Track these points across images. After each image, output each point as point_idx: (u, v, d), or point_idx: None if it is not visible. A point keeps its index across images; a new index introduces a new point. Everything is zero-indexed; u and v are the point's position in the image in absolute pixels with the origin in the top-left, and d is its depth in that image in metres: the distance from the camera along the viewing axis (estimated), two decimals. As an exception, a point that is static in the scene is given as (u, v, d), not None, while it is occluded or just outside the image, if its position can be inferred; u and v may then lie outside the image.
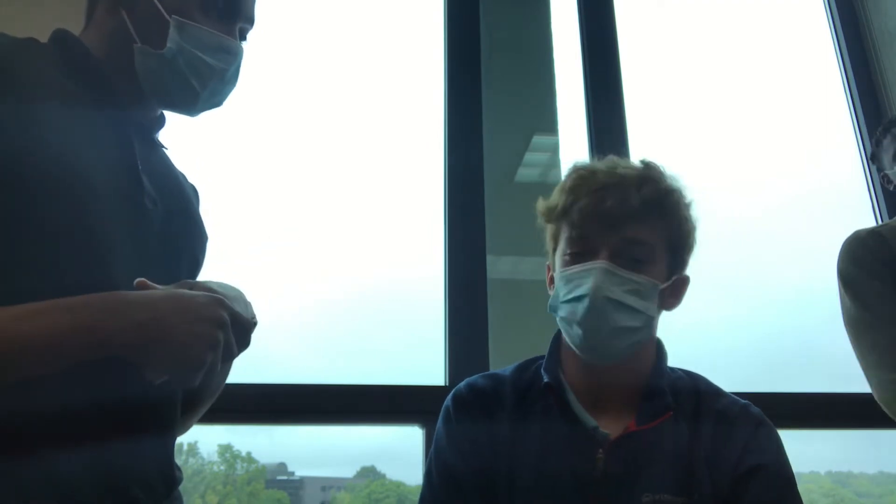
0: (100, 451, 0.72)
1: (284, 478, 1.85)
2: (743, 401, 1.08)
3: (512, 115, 2.08)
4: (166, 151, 0.97)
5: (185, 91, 0.87)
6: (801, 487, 1.00)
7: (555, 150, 2.12)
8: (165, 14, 0.84)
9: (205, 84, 0.88)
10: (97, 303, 0.68)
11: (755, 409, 1.06)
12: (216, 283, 0.79)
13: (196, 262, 0.94)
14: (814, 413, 1.75)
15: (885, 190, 1.95)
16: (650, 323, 1.02)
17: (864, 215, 2.06)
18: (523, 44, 2.21)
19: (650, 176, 1.04)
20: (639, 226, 1.01)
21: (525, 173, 2.06)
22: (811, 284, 2.00)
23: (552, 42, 2.21)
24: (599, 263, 0.99)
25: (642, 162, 1.09)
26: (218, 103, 0.93)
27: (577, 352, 1.04)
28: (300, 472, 1.85)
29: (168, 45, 0.84)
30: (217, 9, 0.88)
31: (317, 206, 1.83)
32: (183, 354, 0.69)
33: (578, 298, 0.99)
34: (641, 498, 0.96)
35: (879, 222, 2.02)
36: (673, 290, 1.06)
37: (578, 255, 1.03)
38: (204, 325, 0.70)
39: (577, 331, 1.01)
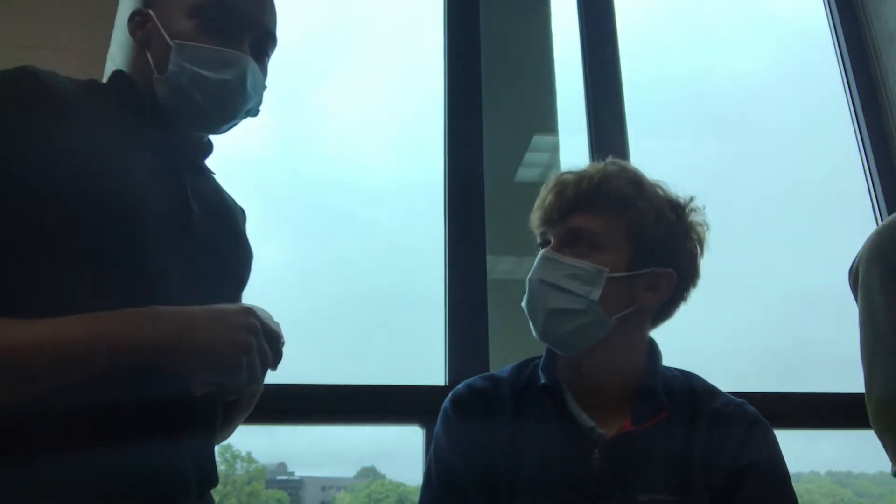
0: (138, 450, 0.76)
1: (284, 478, 1.85)
2: (738, 400, 1.08)
3: (512, 115, 2.08)
4: (214, 176, 1.03)
5: (191, 107, 0.91)
6: (801, 488, 1.01)
7: (555, 150, 2.12)
8: (169, 40, 0.90)
9: (208, 97, 0.91)
10: (136, 313, 0.73)
11: (750, 408, 1.07)
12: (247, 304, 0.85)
13: (241, 280, 1.00)
14: (814, 413, 1.75)
15: (884, 190, 1.95)
16: (594, 307, 1.02)
17: (864, 215, 2.06)
18: (523, 44, 2.21)
19: (598, 171, 1.09)
20: (581, 216, 1.07)
21: (525, 173, 2.06)
22: (811, 284, 2.00)
23: (552, 42, 2.21)
24: (542, 252, 1.08)
25: (610, 162, 1.13)
26: (234, 116, 0.96)
27: (540, 341, 1.09)
28: (300, 472, 1.85)
29: (170, 67, 0.89)
30: (218, 27, 0.92)
31: (317, 206, 1.83)
32: (218, 359, 0.75)
33: (526, 286, 1.08)
34: (637, 497, 0.97)
35: (879, 222, 2.02)
36: (649, 285, 1.06)
37: (541, 248, 1.11)
38: (235, 331, 0.76)
39: (528, 317, 1.08)
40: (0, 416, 0.69)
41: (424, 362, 1.75)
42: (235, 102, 0.94)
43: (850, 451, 1.93)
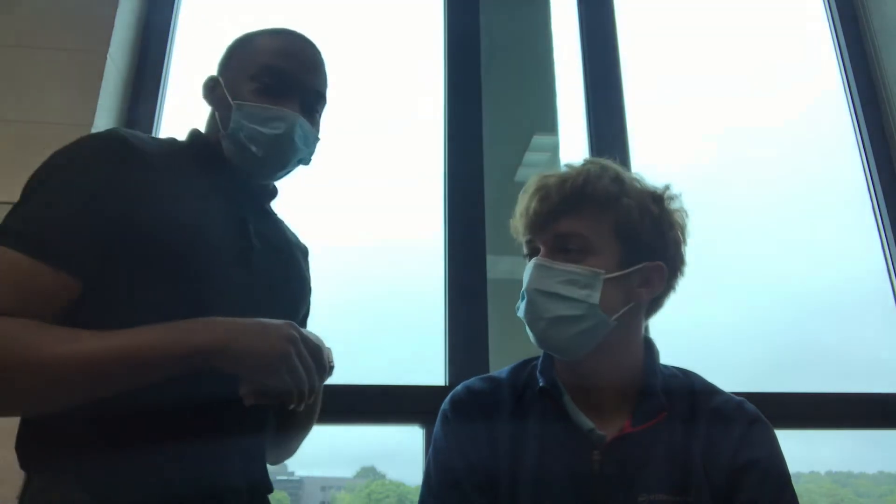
0: (191, 456, 0.87)
1: (284, 478, 1.84)
2: (738, 398, 1.08)
3: (512, 115, 2.08)
4: (280, 218, 1.18)
5: (249, 157, 1.04)
6: (801, 488, 1.01)
7: (555, 150, 2.12)
8: (231, 101, 1.05)
9: (262, 149, 1.04)
10: (195, 321, 0.85)
11: (750, 407, 1.07)
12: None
13: (296, 308, 1.12)
14: (814, 413, 1.75)
15: (884, 190, 1.95)
16: (595, 311, 1.01)
17: (864, 215, 2.06)
18: (523, 44, 2.21)
19: (578, 172, 1.07)
20: (568, 219, 1.05)
21: (525, 173, 2.06)
22: (811, 284, 2.00)
23: (552, 42, 2.22)
24: (534, 260, 1.05)
25: (589, 161, 1.12)
26: (286, 164, 1.08)
27: (541, 349, 1.08)
28: (300, 472, 1.85)
29: (231, 125, 1.04)
30: (272, 88, 1.05)
31: (317, 206, 1.83)
32: (260, 362, 0.84)
33: (522, 297, 1.06)
34: (638, 498, 0.97)
35: (879, 222, 2.03)
36: (643, 280, 1.06)
37: (528, 256, 1.10)
38: (276, 339, 0.86)
39: (527, 327, 1.07)
40: (62, 418, 0.81)
41: (424, 362, 1.75)
42: (286, 152, 1.06)
43: (850, 451, 1.93)
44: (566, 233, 1.05)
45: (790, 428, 1.68)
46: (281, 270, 1.08)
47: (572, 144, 2.07)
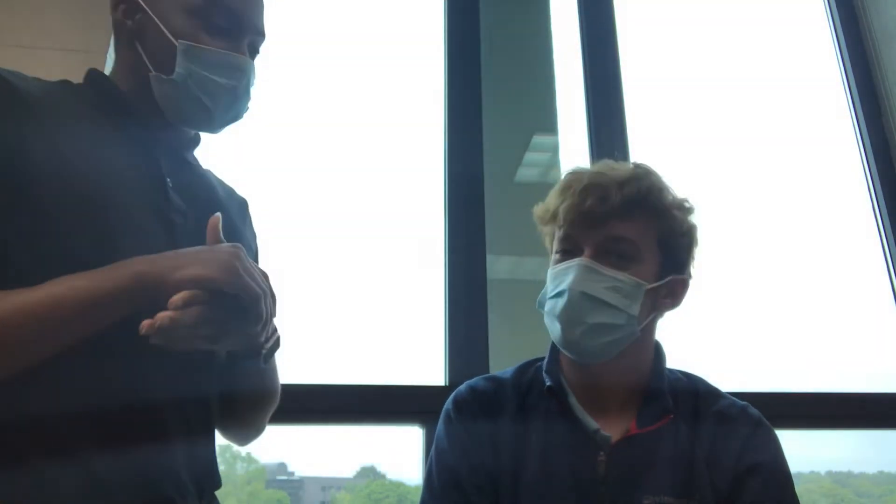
0: (130, 451, 0.76)
1: (284, 478, 1.84)
2: (741, 402, 1.08)
3: (512, 115, 2.08)
4: (207, 170, 1.02)
5: (199, 111, 0.91)
6: (801, 487, 1.01)
7: (555, 150, 2.12)
8: (173, 39, 0.88)
9: (217, 102, 0.91)
10: (113, 266, 0.74)
11: (753, 410, 1.07)
12: None
13: None
14: (814, 413, 1.75)
15: (884, 190, 1.95)
16: (632, 322, 1.01)
17: (864, 215, 2.06)
18: (523, 44, 2.21)
19: (635, 175, 1.05)
20: (622, 223, 1.02)
21: (525, 173, 2.06)
22: (811, 284, 2.00)
23: (552, 42, 2.21)
24: (580, 260, 1.01)
25: (634, 164, 1.10)
26: (235, 118, 0.96)
27: (560, 349, 1.06)
28: (300, 472, 1.85)
29: (177, 69, 0.88)
30: (221, 28, 0.91)
31: (317, 206, 1.83)
32: (208, 259, 0.74)
33: (559, 294, 1.02)
34: (642, 500, 0.96)
35: (879, 222, 2.03)
36: (668, 292, 1.06)
37: (566, 252, 1.05)
38: (221, 253, 0.76)
39: (557, 326, 1.03)
40: None
41: (424, 362, 1.74)
42: (240, 106, 0.94)
43: (850, 451, 1.93)
44: (619, 236, 1.02)
45: (790, 428, 1.68)
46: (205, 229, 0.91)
47: (572, 144, 2.07)
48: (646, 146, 1.97)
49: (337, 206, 1.87)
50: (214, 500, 0.91)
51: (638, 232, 1.02)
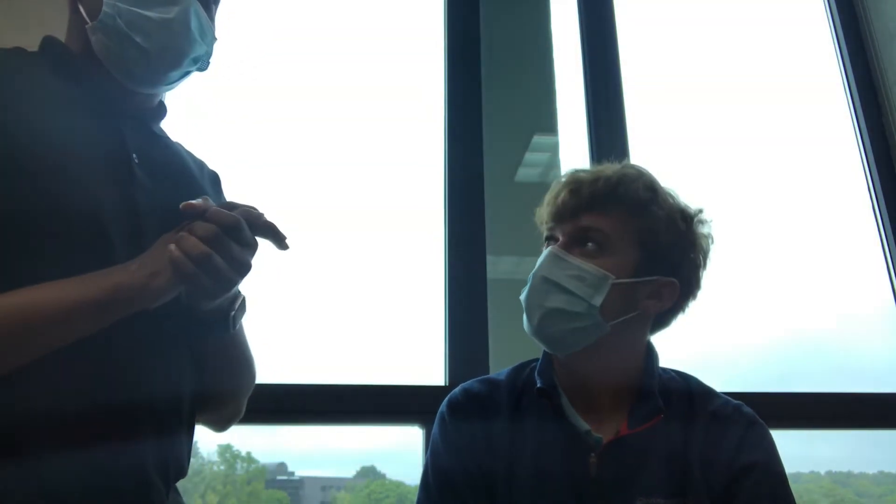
0: (95, 446, 0.73)
1: (284, 478, 1.85)
2: (735, 401, 1.08)
3: (512, 115, 2.08)
4: (177, 142, 0.98)
5: (136, 54, 0.84)
6: (801, 488, 1.01)
7: (555, 150, 2.12)
8: None
9: (153, 41, 0.83)
10: (99, 273, 0.74)
11: (747, 410, 1.07)
12: None
13: None
14: (814, 413, 1.75)
15: (884, 190, 1.95)
16: (593, 312, 1.01)
17: (864, 215, 2.06)
18: (523, 44, 2.21)
19: (615, 172, 1.07)
20: (593, 215, 1.04)
21: (525, 173, 2.06)
22: (812, 284, 2.00)
23: (552, 42, 2.21)
24: (550, 248, 1.05)
25: (625, 164, 1.12)
26: (180, 61, 0.88)
27: (532, 338, 1.07)
28: (300, 472, 1.85)
29: (104, 9, 0.82)
30: None
31: (316, 205, 1.83)
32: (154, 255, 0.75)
33: (527, 281, 1.06)
34: (635, 501, 0.97)
35: (879, 222, 2.03)
36: (651, 292, 1.05)
37: (547, 245, 1.09)
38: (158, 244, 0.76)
39: (524, 312, 1.06)
40: None
41: (424, 362, 1.75)
42: (180, 44, 0.86)
43: (850, 451, 1.93)
44: (588, 227, 1.04)
45: (790, 428, 1.68)
46: (175, 204, 0.85)
47: (572, 144, 2.07)
48: (646, 146, 1.97)
49: (338, 205, 1.87)
50: (173, 490, 0.88)
51: (611, 225, 1.04)
